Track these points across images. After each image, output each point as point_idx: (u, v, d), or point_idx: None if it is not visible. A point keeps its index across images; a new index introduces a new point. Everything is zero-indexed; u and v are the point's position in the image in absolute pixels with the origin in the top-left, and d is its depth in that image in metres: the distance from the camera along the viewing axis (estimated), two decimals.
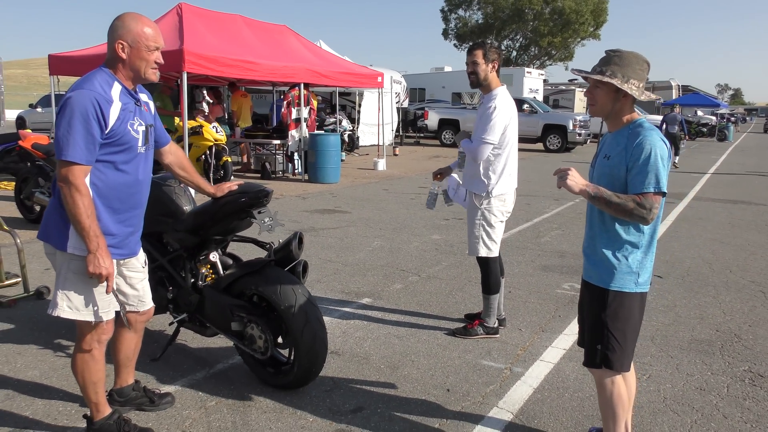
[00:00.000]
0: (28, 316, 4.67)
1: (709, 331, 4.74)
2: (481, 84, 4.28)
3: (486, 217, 4.34)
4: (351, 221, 8.86)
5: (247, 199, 3.37)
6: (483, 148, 4.19)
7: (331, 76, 13.78)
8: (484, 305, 4.49)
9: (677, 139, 19.74)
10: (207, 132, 11.27)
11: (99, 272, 2.55)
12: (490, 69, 4.24)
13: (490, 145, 4.17)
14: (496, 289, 4.44)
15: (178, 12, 11.73)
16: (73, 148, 2.50)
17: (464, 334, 4.48)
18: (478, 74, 4.24)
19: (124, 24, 2.67)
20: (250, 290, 3.48)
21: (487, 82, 4.26)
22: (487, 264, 4.41)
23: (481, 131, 4.17)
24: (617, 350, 2.64)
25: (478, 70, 4.23)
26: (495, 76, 4.27)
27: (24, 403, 3.35)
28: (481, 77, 4.24)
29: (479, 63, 4.21)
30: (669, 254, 7.20)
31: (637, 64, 2.60)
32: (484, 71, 4.23)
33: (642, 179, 2.46)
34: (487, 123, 4.14)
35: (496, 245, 4.40)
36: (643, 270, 2.63)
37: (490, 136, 4.14)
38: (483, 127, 4.17)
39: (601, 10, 47.52)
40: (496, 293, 4.45)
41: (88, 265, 2.55)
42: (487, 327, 4.48)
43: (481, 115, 4.22)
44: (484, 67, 4.22)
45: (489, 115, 4.15)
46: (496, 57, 4.25)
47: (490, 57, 4.22)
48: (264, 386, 3.59)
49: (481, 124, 4.20)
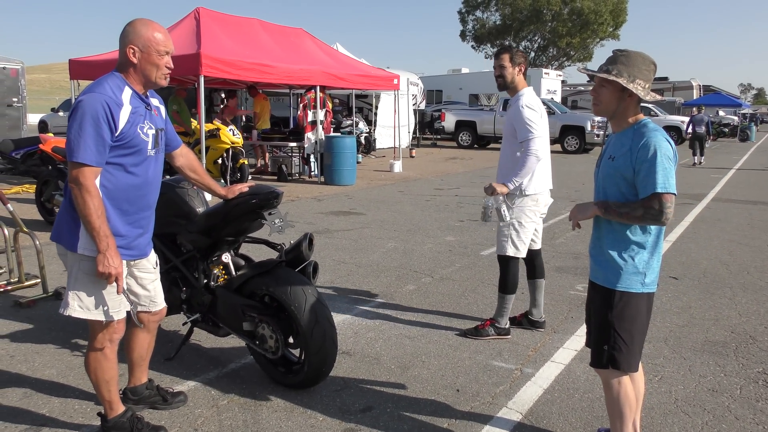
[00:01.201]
0: (46, 316, 4.76)
1: (723, 332, 4.70)
2: (507, 87, 4.36)
3: (517, 216, 4.34)
4: (366, 223, 8.90)
5: (257, 201, 3.41)
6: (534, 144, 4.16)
7: (347, 79, 13.85)
8: (498, 305, 4.50)
9: (703, 139, 19.94)
10: (224, 135, 11.39)
11: (108, 272, 2.61)
12: (517, 72, 4.32)
13: (539, 138, 4.17)
14: (513, 290, 4.45)
15: (195, 16, 11.88)
16: (84, 150, 2.56)
17: (475, 334, 4.50)
18: (505, 77, 4.33)
19: (134, 29, 2.73)
20: (262, 290, 3.53)
21: (514, 84, 4.34)
22: (507, 263, 4.43)
23: (524, 132, 4.18)
24: (624, 350, 2.64)
25: (505, 74, 4.32)
26: (522, 78, 4.36)
27: (41, 401, 3.42)
28: (507, 80, 4.33)
29: (506, 66, 4.30)
30: (685, 255, 7.14)
31: (644, 64, 2.59)
32: (511, 74, 4.32)
33: (649, 181, 2.46)
34: (523, 121, 4.19)
35: (524, 246, 4.41)
36: (650, 270, 2.63)
37: (534, 130, 4.16)
38: (522, 128, 4.20)
39: (621, 10, 47.07)
40: (512, 294, 4.46)
41: (98, 264, 2.61)
42: (499, 327, 4.49)
43: (514, 117, 4.27)
44: (510, 70, 4.31)
45: (521, 113, 4.21)
46: (522, 60, 4.34)
47: (516, 60, 4.30)
48: (275, 385, 3.63)
49: (519, 126, 4.23)
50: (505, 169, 4.41)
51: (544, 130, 4.26)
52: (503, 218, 4.28)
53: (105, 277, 2.63)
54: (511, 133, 4.34)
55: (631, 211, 2.50)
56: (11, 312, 4.85)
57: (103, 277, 2.64)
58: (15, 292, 5.33)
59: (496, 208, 4.27)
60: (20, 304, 4.97)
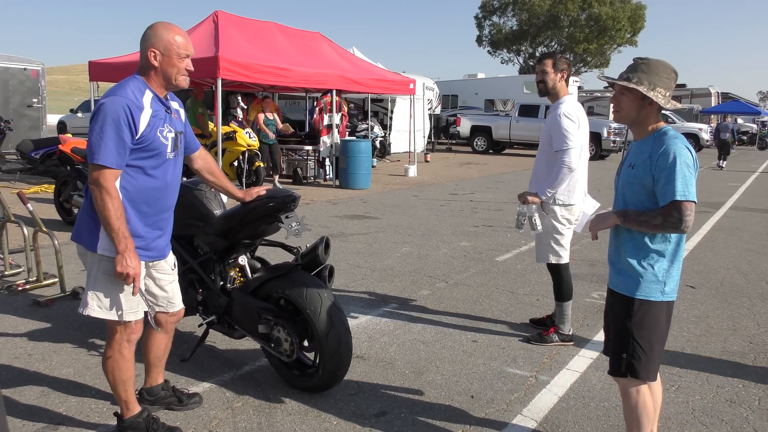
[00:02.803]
0: (64, 316, 4.81)
1: (741, 342, 4.65)
2: (549, 92, 4.37)
3: (553, 224, 4.36)
4: (380, 227, 8.90)
5: (274, 204, 3.43)
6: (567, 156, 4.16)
7: (363, 83, 13.87)
8: (558, 312, 4.54)
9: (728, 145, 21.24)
10: (240, 137, 11.45)
11: (126, 272, 2.63)
12: (559, 78, 4.33)
13: (574, 149, 4.17)
14: (569, 296, 4.48)
15: (214, 19, 11.96)
16: (105, 152, 2.59)
17: (539, 340, 4.50)
18: (547, 83, 4.33)
19: (156, 33, 2.77)
20: (277, 293, 3.54)
21: (555, 90, 4.35)
22: (558, 271, 4.46)
23: (560, 142, 4.19)
24: (643, 359, 2.62)
25: (546, 79, 4.32)
26: (564, 85, 4.36)
27: (58, 400, 3.45)
28: (549, 86, 4.34)
29: (548, 72, 4.30)
30: (703, 264, 7.07)
31: (665, 72, 2.58)
32: (553, 80, 4.32)
33: (668, 188, 2.44)
34: (560, 130, 4.18)
35: (565, 251, 4.43)
36: (670, 279, 2.60)
37: (569, 141, 4.16)
38: (558, 136, 4.20)
39: (639, 16, 46.79)
40: (569, 300, 4.49)
41: (116, 265, 2.63)
42: (562, 334, 4.51)
43: (552, 125, 4.27)
44: (552, 76, 4.31)
45: (559, 122, 4.20)
46: (565, 67, 4.34)
47: (559, 66, 4.31)
48: (290, 388, 3.64)
49: (555, 134, 4.23)
50: (539, 175, 4.42)
51: (581, 140, 4.24)
52: (534, 227, 4.30)
53: (123, 277, 2.65)
54: (547, 141, 4.34)
55: (650, 220, 2.49)
56: (29, 311, 4.90)
57: (121, 278, 2.66)
58: (33, 291, 5.39)
59: (529, 217, 4.28)
60: (38, 303, 5.02)
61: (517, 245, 7.85)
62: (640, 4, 46.90)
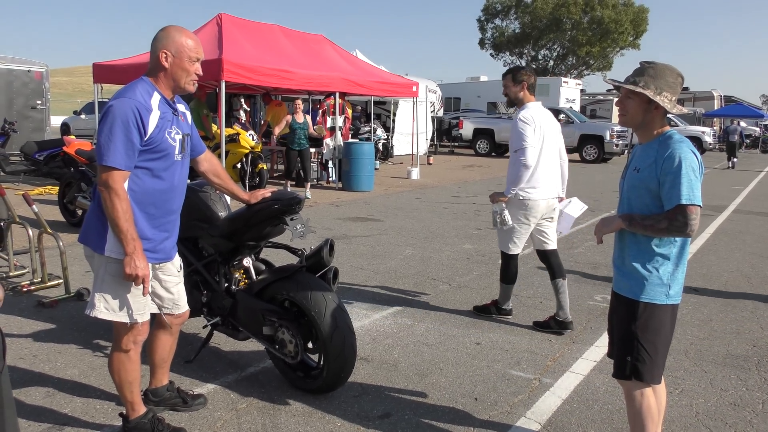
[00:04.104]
0: (68, 317, 4.82)
1: (745, 346, 4.65)
2: (515, 103, 4.84)
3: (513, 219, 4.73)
4: (383, 229, 8.92)
5: (279, 206, 3.44)
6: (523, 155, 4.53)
7: (366, 86, 13.89)
8: (501, 292, 5.07)
9: (736, 147, 22.93)
10: (243, 140, 11.47)
11: (135, 273, 2.64)
12: (520, 89, 4.74)
13: (530, 148, 4.54)
14: (513, 281, 5.00)
15: (217, 22, 11.99)
16: (114, 153, 2.60)
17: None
18: (510, 95, 4.83)
19: (168, 35, 2.79)
20: (282, 295, 3.55)
21: (519, 100, 4.79)
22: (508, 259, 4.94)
23: (515, 143, 4.62)
24: (647, 362, 2.62)
25: (509, 93, 4.82)
26: (527, 93, 4.76)
27: (63, 400, 3.47)
28: (512, 98, 4.82)
29: (509, 86, 4.78)
30: (706, 268, 7.07)
31: (671, 77, 2.59)
32: (514, 92, 4.78)
33: (674, 192, 2.45)
34: (516, 132, 4.62)
35: (517, 246, 4.87)
36: (674, 282, 2.61)
37: (524, 141, 4.54)
38: (513, 138, 4.65)
39: (641, 19, 46.79)
40: (512, 284, 5.01)
41: (125, 267, 2.64)
42: (501, 309, 5.09)
43: (511, 128, 4.74)
44: (513, 89, 4.77)
45: (516, 125, 4.65)
46: (524, 78, 4.73)
47: (518, 79, 4.73)
48: (294, 390, 3.65)
49: (512, 136, 4.68)
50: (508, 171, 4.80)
51: (538, 140, 4.62)
52: (506, 223, 4.75)
53: (132, 279, 2.66)
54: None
55: (655, 224, 2.49)
56: (34, 312, 4.92)
57: (130, 279, 2.67)
58: (38, 292, 5.41)
59: (499, 213, 4.73)
60: (43, 304, 5.04)
61: None
62: (643, 7, 46.91)
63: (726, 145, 23.91)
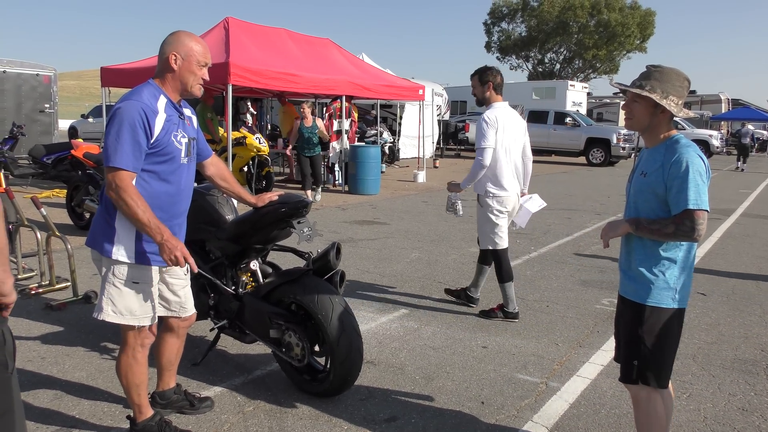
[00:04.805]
0: (76, 319, 4.84)
1: (753, 350, 4.62)
2: (482, 103, 5.06)
3: (488, 215, 4.97)
4: (389, 233, 8.92)
5: (286, 210, 3.45)
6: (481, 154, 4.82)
7: (372, 89, 13.91)
8: (502, 294, 5.09)
9: (747, 149, 23.92)
10: (250, 143, 11.50)
11: (175, 255, 2.63)
12: (486, 89, 4.97)
13: (488, 149, 4.81)
14: (509, 278, 5.05)
15: (225, 26, 12.03)
16: (121, 155, 2.62)
17: (485, 316, 5.15)
18: (477, 95, 5.06)
19: (178, 38, 2.82)
20: (289, 298, 3.55)
21: (486, 100, 5.01)
22: (497, 256, 5.04)
23: (477, 142, 4.90)
24: (654, 366, 2.61)
25: (476, 93, 5.06)
26: (493, 93, 4.99)
27: (71, 403, 3.48)
28: (479, 98, 5.05)
29: (475, 86, 5.03)
30: (714, 272, 7.04)
31: (677, 80, 2.58)
32: (481, 92, 5.01)
33: (681, 197, 2.44)
34: (479, 132, 4.88)
35: (501, 239, 5.01)
36: (681, 286, 2.60)
37: (484, 142, 4.82)
38: (477, 138, 4.90)
39: (648, 22, 46.71)
40: (509, 281, 5.05)
41: (162, 255, 2.64)
42: (507, 312, 5.11)
43: (477, 127, 4.97)
44: (480, 89, 5.00)
45: (480, 125, 4.90)
46: (490, 79, 4.95)
47: (484, 79, 4.96)
48: (301, 393, 3.65)
49: (476, 135, 4.93)
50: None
51: (500, 141, 4.86)
52: (456, 212, 5.10)
53: (174, 263, 2.65)
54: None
55: (662, 228, 2.48)
56: (42, 314, 4.94)
57: (173, 263, 2.66)
58: (46, 294, 5.43)
59: (453, 203, 5.05)
60: (51, 307, 5.06)
61: (526, 251, 7.85)
62: (650, 11, 46.83)
63: (737, 147, 24.49)
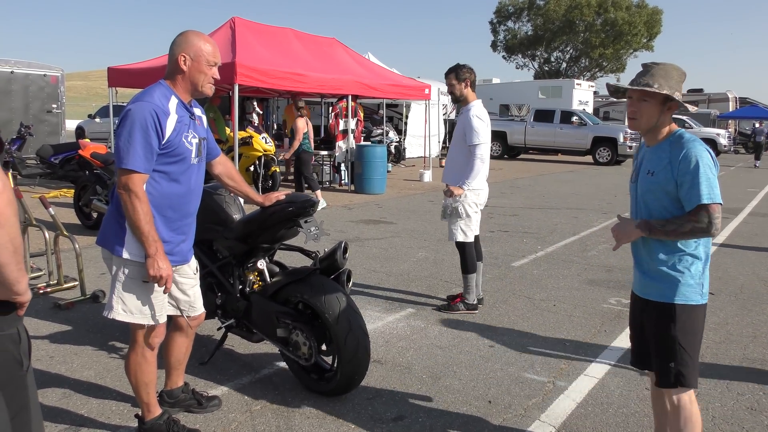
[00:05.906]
0: (84, 319, 4.87)
1: (762, 350, 4.60)
2: (459, 100, 5.18)
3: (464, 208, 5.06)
4: (396, 232, 8.92)
5: (294, 209, 3.45)
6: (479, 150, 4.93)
7: (378, 88, 13.92)
8: (464, 284, 5.23)
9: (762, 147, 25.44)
10: (256, 142, 11.53)
11: (159, 274, 2.67)
12: (464, 86, 5.08)
13: (484, 144, 4.95)
14: (473, 270, 5.20)
15: (231, 26, 12.06)
16: (133, 157, 2.63)
17: (448, 309, 5.26)
18: (455, 93, 5.13)
19: (187, 39, 2.82)
20: (296, 298, 3.56)
21: (463, 97, 5.12)
22: (463, 248, 5.17)
23: (472, 137, 4.95)
24: (690, 365, 2.51)
25: (454, 90, 5.12)
26: (470, 91, 5.11)
27: (79, 401, 3.50)
28: (457, 95, 5.14)
29: (453, 84, 5.09)
30: (722, 270, 7.01)
31: (677, 75, 2.54)
32: (459, 89, 5.09)
33: (693, 192, 2.40)
34: (472, 129, 4.94)
35: (471, 232, 5.15)
36: (705, 280, 2.55)
37: (479, 138, 4.93)
38: (471, 134, 4.96)
39: (655, 21, 46.50)
40: (473, 273, 5.20)
41: (148, 268, 2.67)
42: (468, 303, 5.24)
43: (465, 124, 5.02)
44: (458, 87, 5.09)
45: (471, 123, 4.96)
46: (467, 76, 5.06)
47: (461, 77, 5.05)
48: (308, 392, 3.66)
49: (468, 131, 4.98)
50: (455, 168, 5.15)
51: (487, 137, 5.01)
52: (461, 215, 5.06)
53: (156, 280, 2.69)
54: (461, 137, 5.07)
55: (678, 228, 2.43)
56: (50, 314, 4.96)
57: (154, 281, 2.70)
58: (54, 294, 5.46)
59: (454, 207, 5.04)
60: (59, 306, 5.08)
61: (533, 251, 7.83)
62: (657, 9, 46.63)
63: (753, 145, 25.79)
